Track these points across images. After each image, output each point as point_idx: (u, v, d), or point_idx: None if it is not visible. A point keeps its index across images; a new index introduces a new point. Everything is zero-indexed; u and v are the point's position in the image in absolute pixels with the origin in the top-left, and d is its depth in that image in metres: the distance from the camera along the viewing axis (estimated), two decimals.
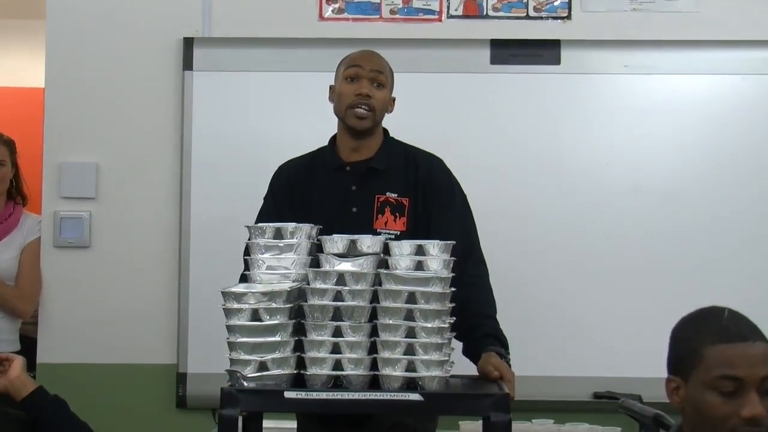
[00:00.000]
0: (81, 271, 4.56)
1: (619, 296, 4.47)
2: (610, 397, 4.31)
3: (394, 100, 3.38)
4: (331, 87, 3.39)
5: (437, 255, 2.73)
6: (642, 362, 4.10)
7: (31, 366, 4.16)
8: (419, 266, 2.70)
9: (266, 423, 3.00)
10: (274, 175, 3.42)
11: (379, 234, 3.12)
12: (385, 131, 3.39)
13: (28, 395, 3.42)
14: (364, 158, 3.31)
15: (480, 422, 3.42)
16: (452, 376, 2.81)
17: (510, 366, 3.03)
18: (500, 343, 3.10)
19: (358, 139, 3.30)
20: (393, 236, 3.12)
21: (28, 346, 4.51)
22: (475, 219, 3.35)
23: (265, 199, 3.40)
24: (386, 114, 3.35)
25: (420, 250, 2.73)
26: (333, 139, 3.39)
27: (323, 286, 2.65)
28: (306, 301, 2.66)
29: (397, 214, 3.23)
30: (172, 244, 4.55)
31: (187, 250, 4.51)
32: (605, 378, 4.41)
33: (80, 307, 4.55)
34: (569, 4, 4.58)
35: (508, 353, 3.10)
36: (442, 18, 4.60)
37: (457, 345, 3.08)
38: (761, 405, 2.18)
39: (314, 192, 3.29)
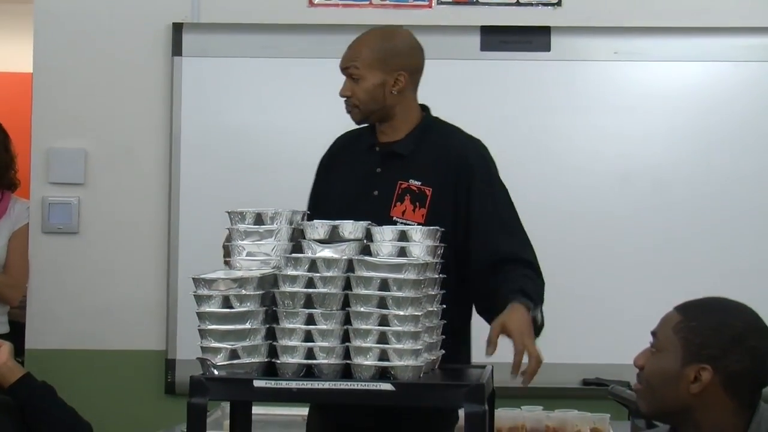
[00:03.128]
0: (69, 257, 4.51)
1: (608, 284, 4.43)
2: (599, 383, 4.29)
3: (402, 75, 3.09)
4: None
5: (420, 241, 2.64)
6: (631, 349, 4.01)
7: (19, 351, 4.13)
8: (402, 252, 2.61)
9: (256, 409, 2.93)
10: (335, 141, 3.28)
11: (396, 223, 2.95)
12: (426, 109, 3.21)
13: (16, 381, 3.39)
14: (393, 140, 3.12)
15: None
16: (446, 367, 2.73)
17: (539, 325, 2.88)
18: (527, 297, 2.86)
19: (378, 124, 3.14)
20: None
21: (16, 331, 4.47)
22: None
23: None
24: (395, 92, 3.09)
25: (403, 236, 2.64)
26: None
27: (294, 272, 2.55)
28: (277, 288, 2.57)
29: (417, 204, 3.02)
30: (162, 230, 4.49)
31: (176, 236, 4.46)
32: (594, 365, 4.37)
33: (68, 293, 4.50)
34: None
35: (539, 309, 2.90)
36: (432, 4, 4.53)
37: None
38: None
39: (342, 170, 3.14)
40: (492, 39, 4.47)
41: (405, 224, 2.95)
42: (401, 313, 2.50)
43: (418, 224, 2.96)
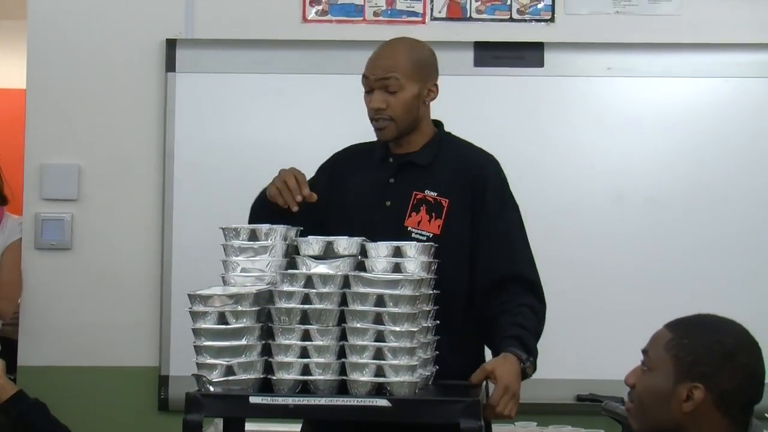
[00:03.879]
0: (62, 273, 4.49)
1: (602, 299, 4.41)
2: (593, 399, 4.25)
3: (435, 86, 3.07)
4: None
5: (414, 257, 2.66)
6: (625, 365, 4.01)
7: (11, 369, 4.12)
8: (396, 268, 2.62)
9: (249, 425, 2.91)
10: (330, 157, 3.21)
11: (410, 233, 2.95)
12: (439, 124, 3.16)
13: (8, 399, 3.38)
14: (409, 151, 3.06)
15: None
16: (440, 383, 2.74)
17: (527, 376, 2.85)
18: (522, 347, 2.84)
19: (396, 140, 3.07)
20: (425, 238, 2.92)
21: (8, 348, 4.45)
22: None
23: (321, 167, 3.21)
24: (428, 103, 3.07)
25: (397, 252, 2.65)
26: None
27: (291, 288, 2.57)
28: (273, 304, 2.58)
29: (434, 215, 2.98)
30: (155, 246, 4.48)
31: (170, 253, 4.44)
32: (588, 380, 4.34)
33: (61, 310, 4.47)
34: (553, 6, 4.52)
35: (531, 360, 2.86)
36: (426, 20, 4.53)
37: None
38: None
39: (356, 179, 3.07)
40: (485, 55, 4.47)
41: (420, 235, 2.94)
42: (397, 329, 2.52)
43: (434, 236, 2.94)
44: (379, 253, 2.66)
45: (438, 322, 2.74)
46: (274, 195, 2.91)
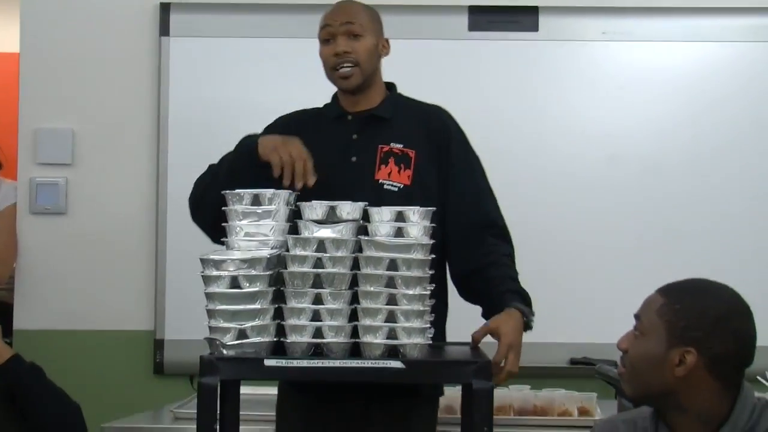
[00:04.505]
0: (57, 237, 4.49)
1: (595, 264, 4.44)
2: (586, 362, 4.30)
3: (387, 41, 3.18)
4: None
5: (417, 221, 2.69)
6: (618, 328, 4.04)
7: (7, 332, 4.13)
8: (399, 233, 2.65)
9: (243, 389, 2.94)
10: (273, 122, 3.25)
11: (382, 185, 3.03)
12: (392, 85, 3.24)
13: (4, 362, 3.38)
14: (367, 108, 3.14)
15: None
16: (441, 344, 2.80)
17: (529, 328, 2.94)
18: (523, 301, 2.95)
19: (356, 93, 3.14)
20: (396, 189, 3.01)
21: (3, 312, 4.46)
22: None
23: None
24: (383, 58, 3.18)
25: (400, 217, 2.68)
26: (335, 95, 3.23)
27: (303, 252, 2.59)
28: (286, 269, 2.60)
29: (402, 166, 3.05)
30: (150, 210, 4.49)
31: (165, 217, 4.44)
32: (581, 344, 4.38)
33: (57, 274, 4.48)
34: None
35: (532, 314, 2.97)
36: None
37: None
38: None
39: (314, 141, 3.07)
40: (480, 19, 4.47)
41: (392, 186, 3.02)
42: (410, 292, 2.56)
43: (405, 186, 3.03)
44: (383, 217, 2.69)
45: (434, 285, 2.74)
46: (275, 164, 2.90)
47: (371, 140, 3.10)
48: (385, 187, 3.03)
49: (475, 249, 3.03)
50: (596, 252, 4.44)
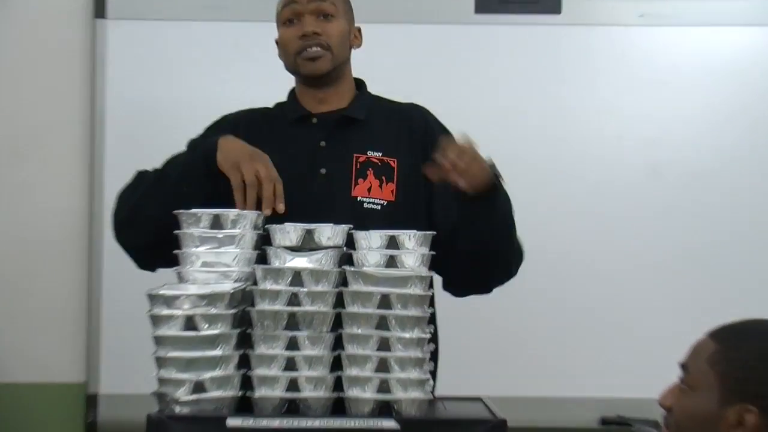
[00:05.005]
0: None
1: (630, 300, 4.49)
2: (621, 422, 4.35)
3: (359, 30, 3.28)
4: (276, 41, 3.31)
5: (414, 249, 2.71)
6: (658, 381, 4.08)
7: None
8: (392, 262, 2.68)
9: None
10: (217, 121, 3.28)
11: (361, 203, 3.07)
12: (361, 82, 3.30)
13: None
14: (336, 108, 3.20)
15: None
16: (439, 397, 2.82)
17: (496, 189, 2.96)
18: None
19: (322, 87, 3.19)
20: (379, 206, 3.07)
21: None
22: None
23: (189, 146, 3.24)
24: (353, 49, 3.25)
25: (392, 242, 2.70)
26: (292, 91, 3.28)
27: (276, 287, 2.62)
28: (253, 306, 2.63)
29: (384, 179, 3.10)
30: (81, 235, 4.52)
31: (100, 243, 4.46)
32: (615, 399, 4.44)
33: None
34: None
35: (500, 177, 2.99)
36: None
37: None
38: None
39: (267, 150, 3.06)
40: None
41: (373, 204, 3.07)
42: (406, 335, 2.58)
43: (389, 203, 3.08)
44: (371, 243, 2.70)
45: (433, 328, 2.78)
46: (235, 184, 2.92)
47: (343, 147, 3.14)
48: (366, 205, 3.08)
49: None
50: (633, 285, 4.49)
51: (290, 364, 2.60)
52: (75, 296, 4.53)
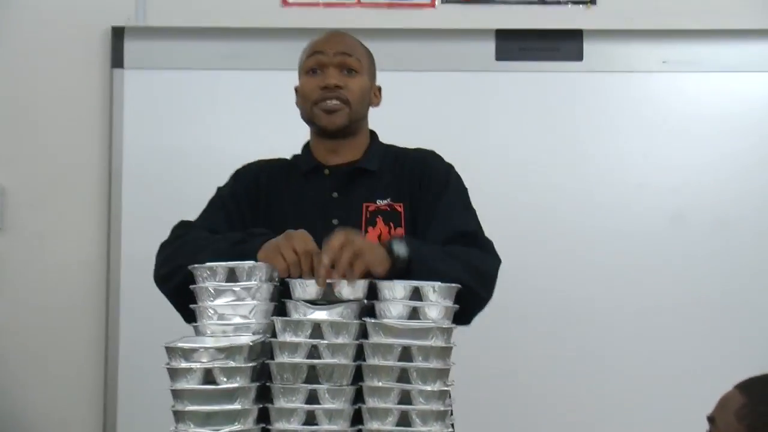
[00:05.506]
0: None
1: (654, 350, 4.46)
2: None
3: (379, 89, 3.29)
4: (295, 89, 3.32)
5: (437, 301, 2.68)
6: None
7: None
8: (414, 314, 2.65)
9: None
10: (239, 170, 3.30)
11: None
12: (374, 134, 3.30)
13: None
14: (348, 161, 3.22)
15: None
16: None
17: (396, 256, 2.85)
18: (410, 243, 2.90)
19: (336, 139, 3.20)
20: None
21: None
22: None
23: (219, 194, 3.27)
24: (371, 107, 3.26)
25: (415, 294, 2.67)
26: (307, 144, 3.30)
27: (295, 339, 2.59)
28: (272, 359, 2.60)
29: (392, 224, 3.11)
30: (99, 285, 4.52)
31: (117, 292, 4.47)
32: None
33: None
34: None
35: (405, 243, 2.88)
36: (436, 3, 4.59)
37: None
38: None
39: (284, 201, 3.15)
40: (510, 45, 4.53)
41: None
42: (428, 388, 2.55)
43: None
44: (395, 294, 2.68)
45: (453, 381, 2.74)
46: (281, 268, 2.85)
47: (354, 198, 3.16)
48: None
49: None
50: (657, 334, 4.45)
51: (310, 418, 2.57)
52: (93, 353, 4.52)
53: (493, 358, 4.30)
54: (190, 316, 2.87)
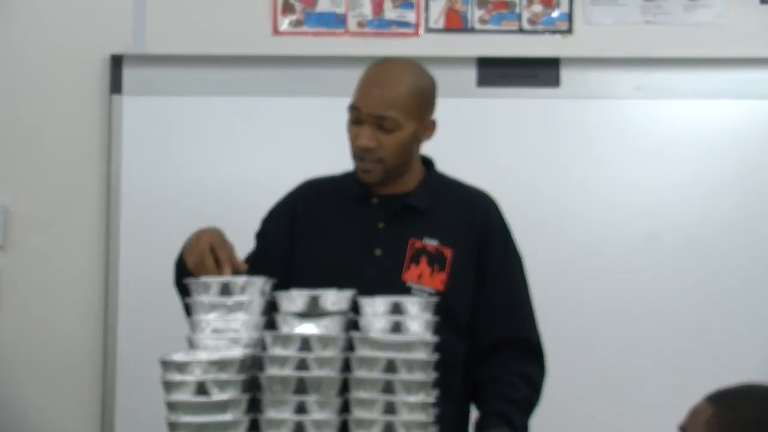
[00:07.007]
0: None
1: (630, 363, 4.44)
2: None
3: (433, 123, 3.13)
4: None
5: (418, 314, 2.70)
6: None
7: None
8: (396, 328, 2.67)
9: None
10: (282, 199, 3.23)
11: (409, 288, 3.01)
12: (429, 162, 3.22)
13: None
14: (397, 192, 3.11)
15: None
16: None
17: None
18: (508, 425, 2.94)
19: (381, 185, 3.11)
20: (427, 295, 2.96)
21: None
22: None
23: (256, 235, 3.25)
24: (424, 141, 3.13)
25: (397, 309, 2.70)
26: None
27: (284, 352, 2.61)
28: (263, 371, 2.62)
29: (436, 267, 3.03)
30: (98, 303, 4.51)
31: (115, 311, 4.47)
32: None
33: None
34: (570, 15, 4.59)
35: None
36: (420, 32, 4.60)
37: None
38: None
39: (328, 224, 3.11)
40: (490, 72, 4.54)
41: (421, 291, 3.00)
42: (412, 399, 2.58)
43: (437, 292, 3.00)
44: (376, 309, 2.71)
45: (438, 391, 2.76)
46: (193, 268, 2.90)
47: (402, 232, 3.08)
48: (414, 291, 3.01)
49: (489, 360, 3.07)
50: (634, 348, 4.44)
51: (299, 429, 2.59)
52: (92, 369, 4.51)
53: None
54: None
